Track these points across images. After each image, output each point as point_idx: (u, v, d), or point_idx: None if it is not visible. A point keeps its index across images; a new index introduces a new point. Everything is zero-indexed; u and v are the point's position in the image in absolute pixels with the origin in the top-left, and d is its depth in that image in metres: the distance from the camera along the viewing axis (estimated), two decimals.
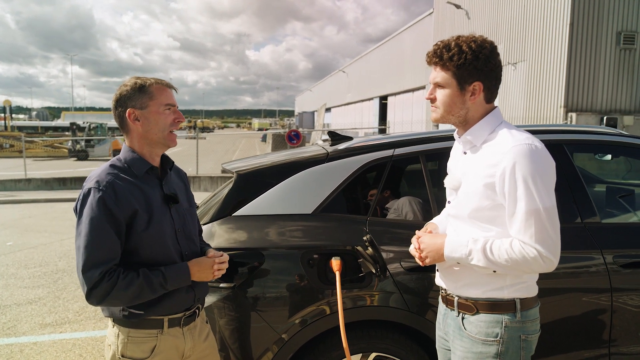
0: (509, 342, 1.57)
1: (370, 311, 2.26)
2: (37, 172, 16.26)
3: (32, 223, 9.34)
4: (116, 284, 1.56)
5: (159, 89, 1.71)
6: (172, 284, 1.67)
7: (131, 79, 1.72)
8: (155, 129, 1.70)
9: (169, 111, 1.71)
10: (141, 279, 1.59)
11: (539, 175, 1.45)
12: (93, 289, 1.56)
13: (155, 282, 1.61)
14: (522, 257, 1.47)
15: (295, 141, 12.91)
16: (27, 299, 5.06)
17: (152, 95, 1.69)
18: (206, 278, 1.77)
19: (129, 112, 1.68)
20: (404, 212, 2.67)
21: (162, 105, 1.70)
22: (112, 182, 1.62)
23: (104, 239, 1.57)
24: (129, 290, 1.58)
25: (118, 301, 1.61)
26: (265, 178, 2.44)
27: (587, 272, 2.33)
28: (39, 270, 6.11)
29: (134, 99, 1.68)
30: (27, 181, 14.08)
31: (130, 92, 1.68)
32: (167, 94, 1.72)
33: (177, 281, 1.68)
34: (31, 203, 11.95)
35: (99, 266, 1.55)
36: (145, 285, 1.60)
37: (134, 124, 1.70)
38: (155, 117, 1.69)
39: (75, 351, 3.86)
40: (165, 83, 1.74)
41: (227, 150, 31.68)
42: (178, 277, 1.68)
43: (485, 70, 1.55)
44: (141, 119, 1.69)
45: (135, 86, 1.69)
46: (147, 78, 1.73)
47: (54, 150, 27.63)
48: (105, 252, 1.57)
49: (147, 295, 1.62)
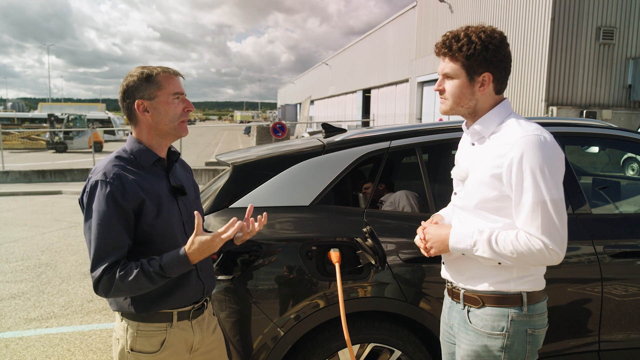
0: (514, 336, 1.57)
1: (368, 302, 2.27)
2: (14, 165, 15.88)
3: (12, 217, 9.13)
4: (116, 276, 1.53)
5: (167, 77, 1.66)
6: (172, 271, 1.57)
7: (137, 69, 1.67)
8: (165, 119, 1.66)
9: (177, 100, 1.67)
10: (139, 270, 1.55)
11: (547, 167, 1.45)
12: (97, 283, 1.54)
13: (152, 272, 1.55)
14: (528, 249, 1.46)
15: (281, 134, 12.86)
16: (10, 294, 4.96)
17: (160, 84, 1.64)
18: (212, 252, 1.62)
19: (137, 104, 1.64)
20: (401, 206, 2.68)
21: (170, 94, 1.65)
22: (119, 174, 1.59)
23: (113, 233, 1.55)
24: (127, 282, 1.53)
25: (122, 293, 1.57)
26: (262, 170, 2.43)
27: (578, 262, 2.37)
28: (21, 265, 5.98)
29: (141, 90, 1.63)
30: (4, 174, 13.75)
31: (138, 83, 1.63)
32: (175, 82, 1.68)
33: (176, 268, 1.57)
34: (9, 196, 11.68)
35: (105, 260, 1.53)
36: (142, 276, 1.54)
37: (143, 116, 1.65)
38: (165, 107, 1.65)
39: (63, 345, 3.80)
40: (172, 71, 1.69)
41: (209, 143, 31.36)
42: (175, 263, 1.57)
43: (495, 61, 1.54)
44: (150, 110, 1.65)
45: (142, 76, 1.64)
46: (154, 67, 1.68)
47: (32, 142, 27.00)
48: (113, 246, 1.55)
49: (148, 285, 1.56)
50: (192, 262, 1.59)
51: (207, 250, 1.58)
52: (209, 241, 1.57)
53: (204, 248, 1.57)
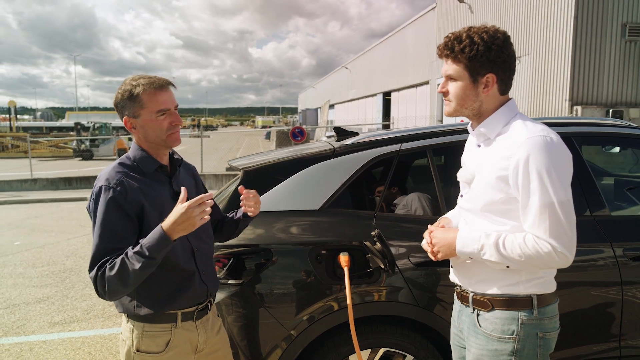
0: (525, 340, 1.54)
1: (379, 306, 2.25)
2: (42, 172, 16.33)
3: (39, 223, 9.38)
4: (105, 272, 1.53)
5: (150, 95, 1.65)
6: (153, 249, 1.51)
7: (124, 83, 1.69)
8: (152, 134, 1.70)
9: (162, 117, 1.67)
10: (122, 258, 1.52)
11: (554, 168, 1.42)
12: (95, 284, 1.57)
13: (132, 254, 1.52)
14: (536, 252, 1.43)
15: (300, 138, 12.91)
16: (35, 298, 5.09)
17: (142, 103, 1.65)
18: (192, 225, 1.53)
19: (124, 121, 1.71)
20: (413, 208, 2.66)
21: (153, 112, 1.66)
22: (121, 180, 1.63)
23: (111, 236, 1.58)
24: (115, 273, 1.51)
25: (118, 287, 1.54)
26: (272, 174, 2.44)
27: (597, 265, 2.31)
28: (47, 270, 6.14)
29: (126, 108, 1.68)
30: (33, 181, 14.15)
31: (123, 101, 1.68)
32: (159, 99, 1.65)
33: (156, 244, 1.52)
34: (37, 203, 12.01)
35: (98, 262, 1.56)
36: (126, 262, 1.51)
37: (131, 131, 1.72)
38: (150, 124, 1.67)
39: (85, 349, 3.88)
40: (158, 84, 1.66)
41: (230, 148, 31.70)
42: (154, 240, 1.52)
43: (498, 61, 1.52)
44: (137, 126, 1.70)
45: (124, 94, 1.66)
46: (140, 81, 1.66)
47: (59, 150, 27.75)
48: (110, 249, 1.57)
49: (136, 272, 1.51)
50: (171, 236, 1.52)
51: (185, 222, 1.51)
52: (184, 211, 1.50)
53: (180, 218, 1.50)
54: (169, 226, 1.52)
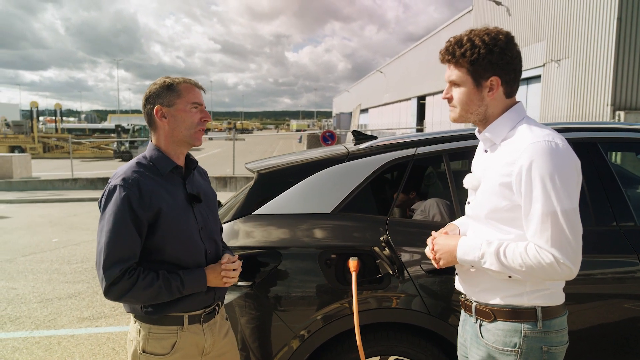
0: (528, 353, 1.47)
1: (389, 313, 2.21)
2: (83, 173, 16.96)
3: (77, 221, 9.74)
4: (136, 283, 1.59)
5: (187, 87, 1.74)
6: (189, 289, 1.70)
7: (161, 78, 1.76)
8: (182, 126, 1.72)
9: (195, 110, 1.74)
10: (160, 281, 1.62)
11: (558, 175, 1.35)
12: (112, 286, 1.59)
13: (173, 285, 1.64)
14: (537, 263, 1.37)
15: (330, 142, 12.90)
16: (67, 294, 5.28)
17: (180, 93, 1.72)
18: (217, 284, 1.78)
19: (156, 109, 1.72)
20: (431, 214, 2.60)
21: (189, 103, 1.72)
22: (137, 180, 1.65)
23: (126, 236, 1.60)
24: (147, 291, 1.61)
25: (135, 300, 1.64)
26: (285, 177, 2.44)
27: (623, 277, 2.20)
28: (81, 266, 6.36)
29: (162, 97, 1.72)
30: (73, 181, 14.72)
31: (159, 90, 1.72)
32: (195, 93, 1.75)
33: (194, 287, 1.71)
34: (77, 202, 12.48)
35: (119, 263, 1.59)
36: (163, 288, 1.63)
37: (161, 121, 1.73)
38: (182, 114, 1.72)
39: (109, 345, 3.99)
40: (194, 82, 1.77)
41: (264, 151, 32.03)
42: (195, 283, 1.71)
43: (501, 64, 1.47)
44: (168, 116, 1.72)
45: (164, 84, 1.73)
46: (177, 77, 1.77)
47: (100, 151, 28.75)
48: (126, 250, 1.60)
49: (163, 298, 1.65)
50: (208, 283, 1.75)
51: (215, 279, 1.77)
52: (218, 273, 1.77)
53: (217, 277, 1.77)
54: (209, 278, 1.75)
